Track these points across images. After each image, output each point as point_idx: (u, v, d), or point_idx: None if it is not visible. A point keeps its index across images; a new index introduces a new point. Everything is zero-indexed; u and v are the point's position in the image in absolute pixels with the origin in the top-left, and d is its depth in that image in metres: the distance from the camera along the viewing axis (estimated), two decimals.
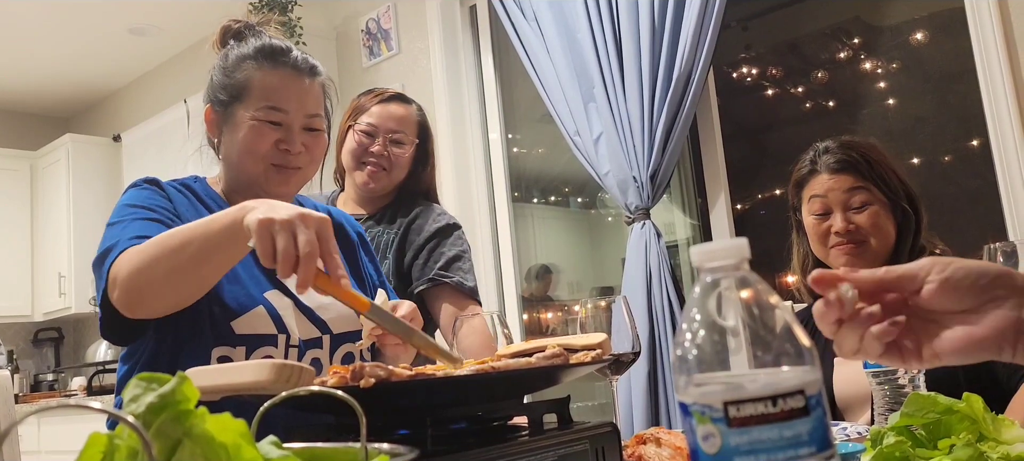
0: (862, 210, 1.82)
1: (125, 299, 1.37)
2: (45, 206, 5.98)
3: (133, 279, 1.36)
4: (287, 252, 1.18)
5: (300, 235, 1.19)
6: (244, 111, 1.62)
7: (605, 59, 3.39)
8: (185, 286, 1.37)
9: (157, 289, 1.36)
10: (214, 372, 0.97)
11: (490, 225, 4.17)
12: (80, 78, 5.96)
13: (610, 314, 1.53)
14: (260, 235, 1.20)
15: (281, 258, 1.18)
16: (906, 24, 3.76)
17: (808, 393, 0.50)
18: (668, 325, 3.15)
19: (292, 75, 1.66)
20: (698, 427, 0.51)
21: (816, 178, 1.89)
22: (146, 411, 0.59)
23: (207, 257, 1.33)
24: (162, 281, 1.35)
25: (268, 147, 1.61)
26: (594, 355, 1.09)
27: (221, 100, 1.66)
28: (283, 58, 1.66)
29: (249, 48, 1.67)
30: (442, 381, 0.93)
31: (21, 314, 5.97)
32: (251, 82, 1.63)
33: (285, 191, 1.66)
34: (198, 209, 1.64)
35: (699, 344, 0.53)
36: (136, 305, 1.39)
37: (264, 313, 1.53)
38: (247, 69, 1.64)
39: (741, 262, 0.54)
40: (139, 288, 1.36)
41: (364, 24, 4.59)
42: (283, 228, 1.19)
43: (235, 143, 1.63)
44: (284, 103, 1.62)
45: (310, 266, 1.19)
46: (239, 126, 1.62)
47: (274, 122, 1.61)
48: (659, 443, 1.17)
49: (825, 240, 1.86)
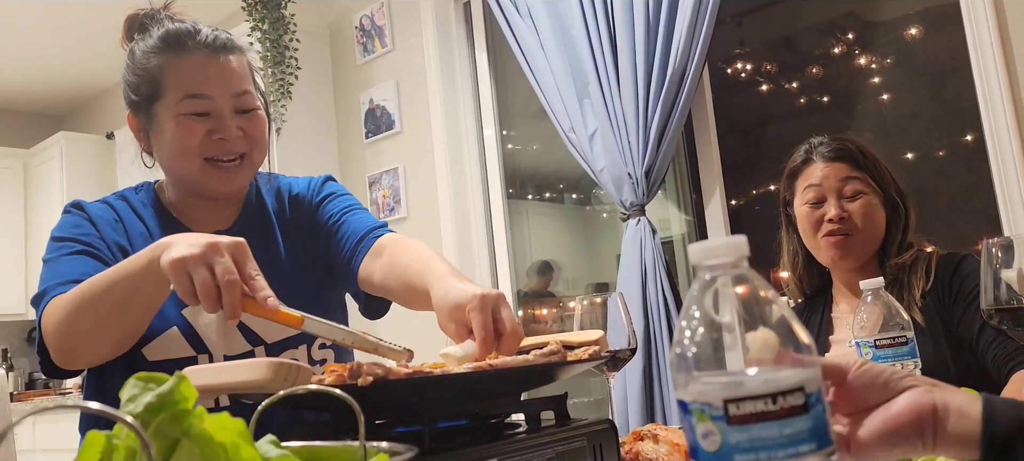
0: (855, 199, 1.84)
1: (58, 355, 1.33)
2: (38, 204, 5.96)
3: (62, 335, 1.30)
4: (205, 286, 1.13)
5: (216, 266, 1.14)
6: (164, 109, 1.48)
7: (600, 55, 3.38)
8: (113, 334, 1.31)
9: (86, 341, 1.31)
10: (211, 371, 0.97)
11: (485, 222, 4.17)
12: (73, 76, 5.94)
13: (606, 310, 1.54)
14: (176, 276, 1.15)
15: (202, 295, 1.13)
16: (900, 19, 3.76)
17: (808, 390, 0.50)
18: (664, 321, 3.16)
19: (206, 57, 1.49)
20: (698, 425, 0.51)
21: (811, 167, 1.91)
22: (144, 411, 0.59)
23: (129, 303, 1.27)
24: (90, 333, 1.30)
25: (199, 142, 1.47)
26: (591, 352, 1.09)
27: (136, 102, 1.52)
28: (191, 41, 1.49)
29: (153, 39, 1.51)
30: (440, 379, 0.93)
31: (15, 313, 5.95)
32: (164, 75, 1.48)
33: (231, 187, 1.54)
34: (125, 224, 1.54)
35: (698, 342, 0.53)
36: (70, 359, 1.34)
37: (178, 334, 1.44)
38: (156, 62, 1.49)
39: (740, 260, 0.54)
40: (68, 343, 1.31)
41: (358, 21, 4.58)
42: (197, 262, 1.14)
43: (164, 146, 1.50)
44: (205, 89, 1.47)
45: (233, 295, 1.14)
46: (163, 127, 1.49)
47: (200, 113, 1.47)
48: (656, 439, 1.17)
49: (817, 229, 1.87)
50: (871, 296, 1.32)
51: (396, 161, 4.37)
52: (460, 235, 4.10)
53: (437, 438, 0.94)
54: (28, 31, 5.14)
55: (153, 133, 1.53)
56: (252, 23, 4.23)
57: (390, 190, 4.36)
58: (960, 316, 1.72)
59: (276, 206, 1.68)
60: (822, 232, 1.86)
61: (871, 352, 1.28)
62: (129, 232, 1.53)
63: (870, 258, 1.88)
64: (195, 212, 1.59)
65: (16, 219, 6.02)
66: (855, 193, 1.84)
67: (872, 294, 1.32)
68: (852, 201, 1.84)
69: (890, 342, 1.28)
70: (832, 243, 1.85)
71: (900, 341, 1.27)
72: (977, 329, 1.68)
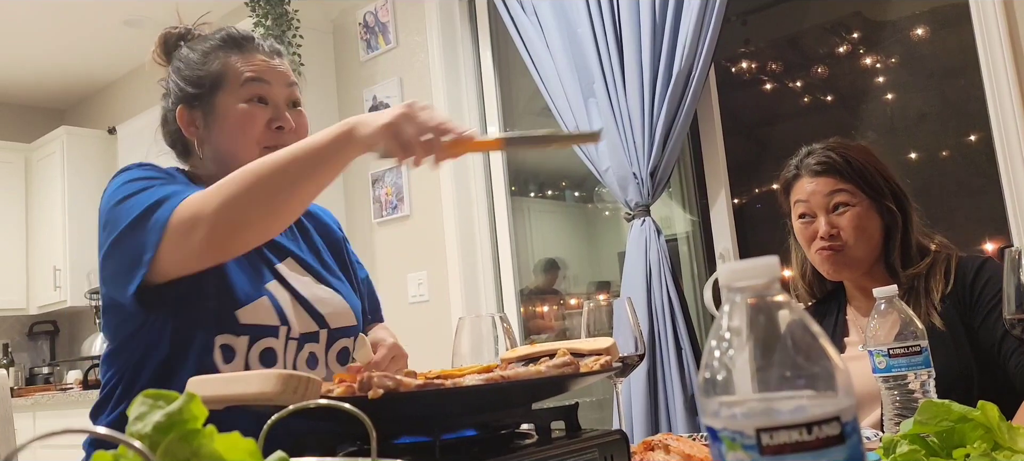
0: (843, 213, 1.83)
1: (216, 235, 1.31)
2: (40, 199, 5.95)
3: (227, 211, 1.31)
4: (411, 144, 1.28)
5: (418, 116, 1.29)
6: (227, 97, 1.60)
7: (605, 54, 3.36)
8: (287, 208, 1.38)
9: (257, 216, 1.34)
10: (219, 382, 0.96)
11: (488, 219, 4.16)
12: (75, 70, 5.92)
13: (611, 312, 1.52)
14: (388, 137, 1.29)
15: (417, 142, 1.28)
16: (907, 19, 3.74)
17: (843, 420, 0.48)
18: (668, 323, 3.14)
19: (265, 55, 1.66)
20: (728, 454, 0.49)
21: (799, 182, 1.90)
22: (153, 430, 0.57)
23: (311, 175, 1.34)
24: (263, 205, 1.33)
25: (261, 128, 1.59)
26: (603, 363, 1.08)
27: (196, 94, 1.63)
28: (251, 44, 1.66)
29: (214, 40, 1.66)
30: (450, 391, 0.91)
31: (16, 307, 5.94)
32: (226, 68, 1.61)
33: None
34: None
35: (728, 367, 0.51)
36: (229, 238, 1.34)
37: (268, 304, 1.52)
38: (219, 58, 1.63)
39: (772, 281, 0.52)
40: (236, 219, 1.32)
41: (361, 17, 4.56)
42: (401, 121, 1.28)
43: (225, 132, 1.60)
44: (267, 76, 1.62)
45: (436, 146, 1.29)
46: (226, 114, 1.60)
47: (262, 99, 1.61)
48: (668, 450, 1.15)
49: (810, 244, 1.87)
50: (885, 304, 1.30)
51: None
52: (463, 233, 4.08)
53: (447, 450, 0.93)
54: (30, 25, 5.12)
55: (211, 123, 1.62)
56: (255, 19, 4.21)
57: (393, 188, 4.34)
58: (980, 321, 1.70)
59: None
60: (814, 248, 1.86)
61: (884, 361, 1.27)
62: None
63: (873, 264, 1.86)
64: None
65: (17, 213, 6.00)
66: (842, 206, 1.83)
67: (886, 302, 1.30)
68: (840, 215, 1.83)
69: (904, 351, 1.26)
70: (825, 258, 1.85)
71: (914, 350, 1.26)
72: (999, 336, 1.67)
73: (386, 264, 4.36)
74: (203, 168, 1.68)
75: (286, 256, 1.65)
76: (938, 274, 1.77)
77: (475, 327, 1.55)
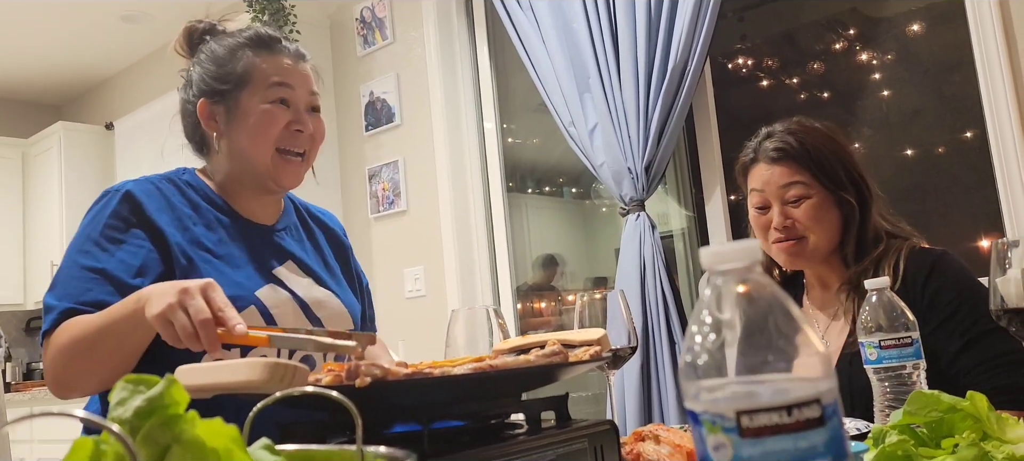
0: (799, 204, 1.75)
1: (55, 390, 1.48)
2: (37, 194, 5.94)
3: (57, 376, 1.46)
4: (185, 330, 1.23)
5: (190, 308, 1.24)
6: (250, 97, 1.63)
7: (601, 49, 3.36)
8: (104, 375, 1.44)
9: (79, 381, 1.46)
10: (205, 371, 0.95)
11: (485, 215, 4.16)
12: (72, 66, 5.92)
13: (605, 306, 1.52)
14: (162, 327, 1.26)
15: (184, 337, 1.24)
16: (902, 15, 3.74)
17: (824, 402, 0.48)
18: (662, 317, 3.14)
19: (291, 58, 1.69)
20: (709, 437, 0.49)
21: (755, 168, 1.82)
22: (133, 416, 0.56)
23: (119, 348, 1.40)
24: (83, 374, 1.44)
25: (280, 130, 1.63)
26: (593, 353, 1.08)
27: (221, 90, 1.66)
28: (278, 45, 1.69)
29: (241, 38, 1.69)
30: (439, 380, 0.91)
31: (13, 303, 5.94)
32: (253, 68, 1.65)
33: (296, 182, 1.70)
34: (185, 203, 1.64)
35: (709, 350, 0.51)
36: (65, 394, 1.48)
37: (256, 314, 1.54)
38: (246, 57, 1.66)
39: (752, 265, 0.52)
40: (64, 383, 1.46)
41: (358, 12, 4.56)
42: (174, 310, 1.24)
43: (244, 130, 1.64)
44: (290, 80, 1.66)
45: (209, 333, 1.23)
46: (247, 113, 1.63)
47: (284, 101, 1.64)
48: (658, 440, 1.15)
49: (766, 234, 1.80)
50: (876, 295, 1.30)
51: (396, 154, 4.35)
52: (460, 229, 4.08)
53: (436, 439, 0.92)
54: (27, 20, 5.11)
55: (232, 119, 1.65)
56: (252, 14, 4.21)
57: (390, 183, 4.34)
58: (930, 330, 1.58)
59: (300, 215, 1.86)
60: (771, 239, 1.78)
61: (876, 353, 1.27)
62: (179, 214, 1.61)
63: (831, 254, 1.78)
64: (243, 201, 1.71)
65: (14, 209, 6.00)
66: (798, 198, 1.74)
67: (877, 293, 1.30)
68: (796, 206, 1.75)
69: (895, 343, 1.26)
70: (781, 249, 1.77)
71: (905, 341, 1.26)
72: (954, 350, 1.59)
73: (383, 259, 4.36)
74: (217, 164, 1.70)
75: (287, 258, 1.69)
76: (885, 268, 1.68)
77: (469, 319, 1.55)
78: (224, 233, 1.63)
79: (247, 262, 1.60)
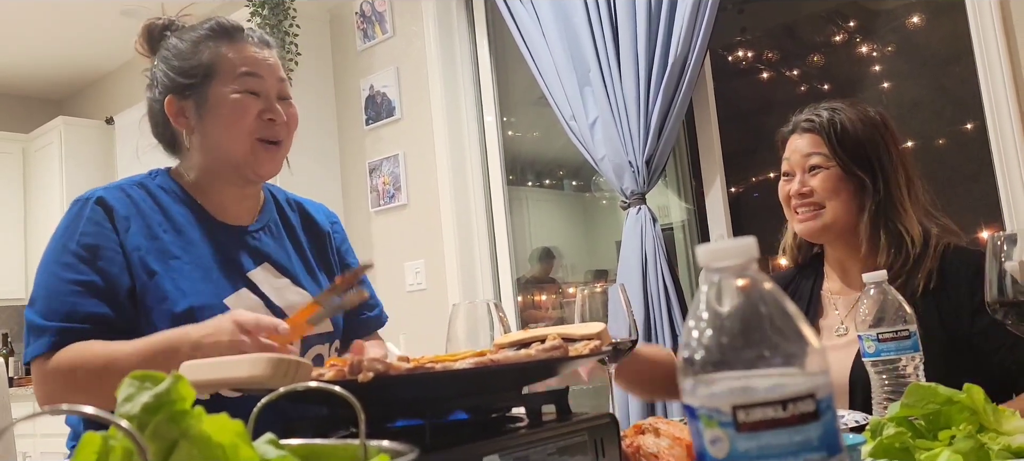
0: (816, 173, 1.78)
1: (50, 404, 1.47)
2: (38, 189, 5.95)
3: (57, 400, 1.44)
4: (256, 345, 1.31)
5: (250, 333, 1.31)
6: (219, 88, 1.59)
7: (601, 43, 3.37)
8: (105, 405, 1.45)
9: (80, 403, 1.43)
10: (210, 367, 0.96)
11: (485, 209, 4.16)
12: (72, 60, 5.92)
13: (606, 300, 1.53)
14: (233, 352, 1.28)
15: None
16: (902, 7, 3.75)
17: (818, 397, 0.49)
18: (664, 310, 3.15)
19: (255, 47, 1.65)
20: (705, 431, 0.50)
21: (789, 140, 1.87)
22: (141, 411, 0.57)
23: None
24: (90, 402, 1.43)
25: (253, 120, 1.59)
26: (592, 346, 1.08)
27: (187, 85, 1.62)
28: (242, 35, 1.65)
29: (203, 30, 1.65)
30: (440, 374, 0.92)
31: (15, 297, 5.94)
32: (219, 59, 1.61)
33: (274, 170, 1.66)
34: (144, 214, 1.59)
35: (706, 346, 0.52)
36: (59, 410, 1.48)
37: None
38: (209, 49, 1.62)
39: (749, 262, 0.53)
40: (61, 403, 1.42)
41: (358, 7, 4.56)
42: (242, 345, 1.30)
43: (217, 122, 1.60)
44: (258, 69, 1.62)
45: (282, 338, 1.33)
46: (218, 104, 1.59)
47: (254, 91, 1.60)
48: (657, 433, 1.16)
49: (788, 202, 1.84)
50: (874, 288, 1.31)
51: (396, 148, 4.36)
52: (460, 222, 4.09)
53: (437, 433, 0.93)
54: (28, 15, 5.11)
55: (203, 113, 1.61)
56: (252, 9, 4.21)
57: (390, 177, 4.34)
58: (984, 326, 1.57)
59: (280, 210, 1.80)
60: (792, 206, 1.82)
61: (874, 345, 1.28)
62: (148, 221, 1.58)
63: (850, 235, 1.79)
64: (219, 198, 1.67)
65: (15, 204, 6.00)
66: (815, 167, 1.78)
67: (875, 286, 1.31)
68: (814, 176, 1.78)
69: (892, 336, 1.27)
70: (798, 218, 1.81)
71: (903, 334, 1.27)
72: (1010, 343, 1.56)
73: (383, 253, 4.36)
74: (189, 161, 1.67)
75: (263, 260, 1.65)
76: (924, 268, 1.68)
77: (470, 314, 1.56)
78: (195, 237, 1.59)
79: (216, 268, 1.57)
